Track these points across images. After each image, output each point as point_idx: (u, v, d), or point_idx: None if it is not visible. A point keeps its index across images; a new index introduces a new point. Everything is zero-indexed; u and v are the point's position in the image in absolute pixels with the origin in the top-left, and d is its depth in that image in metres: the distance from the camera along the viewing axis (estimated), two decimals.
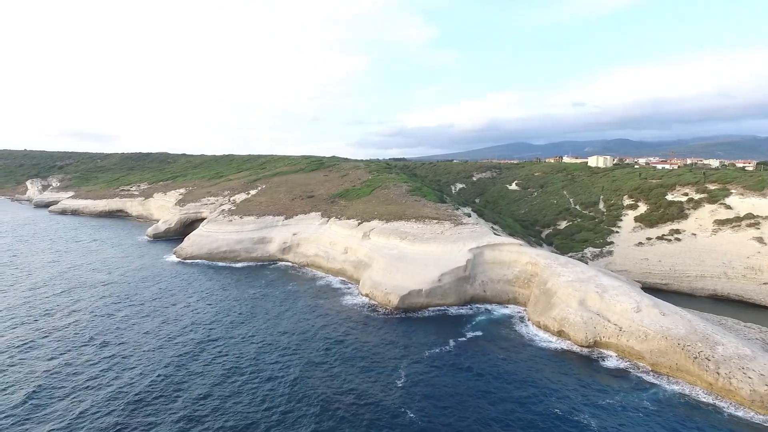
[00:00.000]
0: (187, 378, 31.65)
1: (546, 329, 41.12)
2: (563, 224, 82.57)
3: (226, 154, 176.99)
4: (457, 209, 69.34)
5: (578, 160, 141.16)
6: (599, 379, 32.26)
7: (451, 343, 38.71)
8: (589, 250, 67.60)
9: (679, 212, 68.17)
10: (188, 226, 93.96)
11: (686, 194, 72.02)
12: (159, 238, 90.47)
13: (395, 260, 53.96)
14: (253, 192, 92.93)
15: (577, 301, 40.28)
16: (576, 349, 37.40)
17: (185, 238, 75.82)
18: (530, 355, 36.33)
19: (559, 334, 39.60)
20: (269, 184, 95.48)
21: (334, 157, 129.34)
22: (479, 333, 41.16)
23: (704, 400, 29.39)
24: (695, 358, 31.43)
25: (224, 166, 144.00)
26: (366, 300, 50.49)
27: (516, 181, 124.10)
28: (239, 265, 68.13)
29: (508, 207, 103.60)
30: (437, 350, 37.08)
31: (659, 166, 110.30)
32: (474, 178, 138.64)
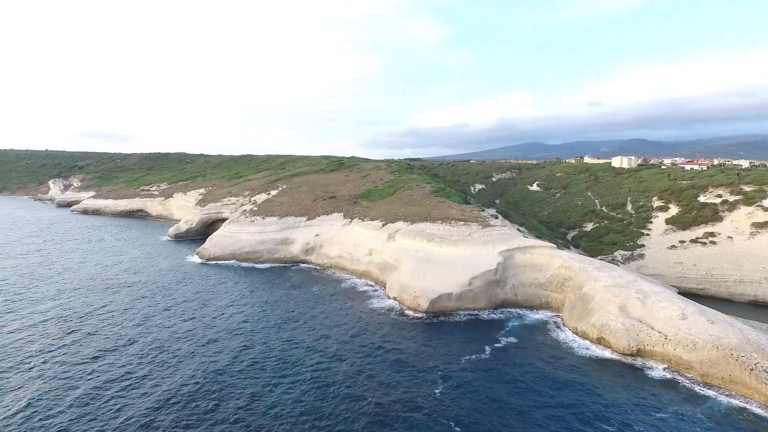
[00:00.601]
0: (235, 382, 31.01)
1: (584, 336, 39.74)
2: (589, 226, 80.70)
3: (245, 154, 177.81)
4: (483, 210, 68.09)
5: (600, 161, 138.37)
6: (648, 390, 30.84)
7: (487, 349, 37.57)
8: (619, 253, 65.77)
9: (713, 214, 65.99)
10: (209, 226, 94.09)
11: (720, 196, 69.76)
12: (180, 238, 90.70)
13: (422, 263, 52.94)
14: (273, 192, 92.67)
15: (617, 307, 38.84)
16: (618, 357, 35.98)
17: (207, 239, 75.75)
18: (571, 363, 35.03)
19: (599, 341, 38.20)
20: (290, 184, 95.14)
21: (353, 157, 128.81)
22: (514, 339, 39.95)
23: (765, 415, 27.84)
24: (752, 369, 29.86)
25: (243, 166, 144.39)
26: (394, 303, 49.56)
27: (537, 182, 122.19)
28: (262, 266, 67.75)
29: (531, 208, 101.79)
30: (473, 357, 35.98)
31: (687, 167, 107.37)
32: (494, 179, 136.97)
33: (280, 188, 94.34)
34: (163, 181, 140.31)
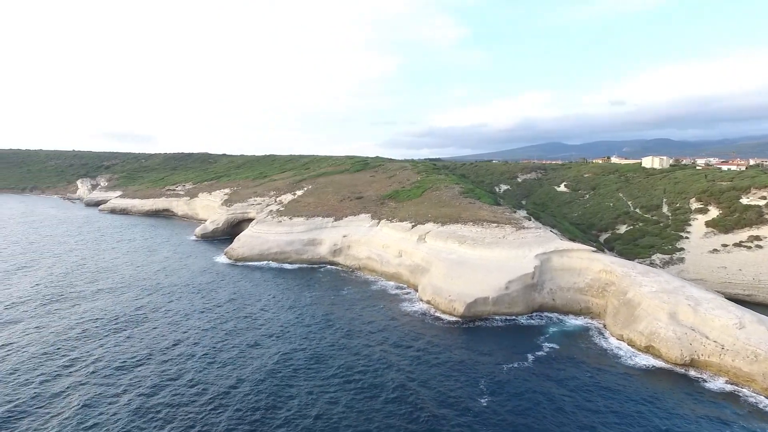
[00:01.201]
0: (281, 389, 30.38)
1: (631, 343, 38.11)
2: (623, 228, 78.31)
3: (268, 154, 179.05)
4: (514, 212, 66.57)
5: (629, 161, 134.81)
6: (709, 403, 29.24)
7: (529, 357, 36.28)
8: (657, 257, 63.46)
9: (758, 217, 63.16)
10: (235, 226, 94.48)
11: (764, 197, 66.76)
12: (207, 238, 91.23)
13: (456, 265, 51.80)
14: (299, 192, 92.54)
15: (666, 314, 37.10)
16: (670, 367, 34.34)
17: (235, 239, 75.85)
18: (621, 373, 33.52)
19: (648, 349, 36.55)
20: (315, 184, 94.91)
21: (377, 157, 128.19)
22: (556, 346, 38.55)
23: None
24: None
25: (266, 166, 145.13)
26: (426, 307, 48.52)
27: (564, 183, 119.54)
28: (290, 266, 67.44)
29: (559, 209, 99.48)
30: (516, 364, 34.75)
31: (723, 168, 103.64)
32: (519, 179, 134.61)
33: (305, 188, 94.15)
34: (188, 181, 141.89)
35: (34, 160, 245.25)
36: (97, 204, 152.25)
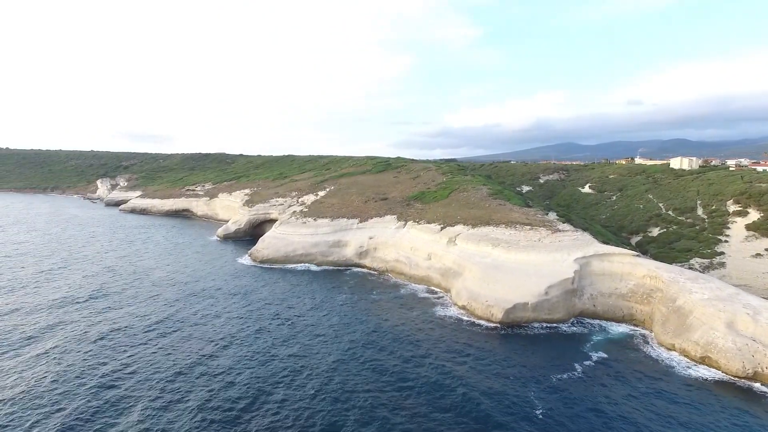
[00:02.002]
0: (336, 402, 29.20)
1: (684, 353, 36.32)
2: (655, 231, 76.02)
3: (286, 154, 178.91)
4: (546, 214, 64.83)
5: (655, 162, 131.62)
6: None
7: (578, 367, 34.71)
8: (696, 261, 61.22)
9: None
10: (257, 227, 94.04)
11: None
12: (229, 238, 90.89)
13: (491, 269, 50.32)
14: (321, 193, 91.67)
15: (723, 324, 35.25)
16: (730, 379, 32.53)
17: (259, 240, 75.17)
18: (678, 386, 31.79)
19: (703, 360, 34.75)
20: (337, 185, 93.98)
21: (399, 158, 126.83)
22: (604, 355, 36.91)
23: None
24: None
25: (286, 167, 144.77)
26: (460, 312, 47.19)
27: (589, 184, 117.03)
28: (316, 268, 66.55)
29: (585, 211, 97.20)
30: (565, 375, 33.22)
31: (759, 169, 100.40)
32: (541, 180, 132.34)
33: (327, 189, 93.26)
34: (207, 181, 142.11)
35: (55, 161, 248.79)
36: (117, 204, 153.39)
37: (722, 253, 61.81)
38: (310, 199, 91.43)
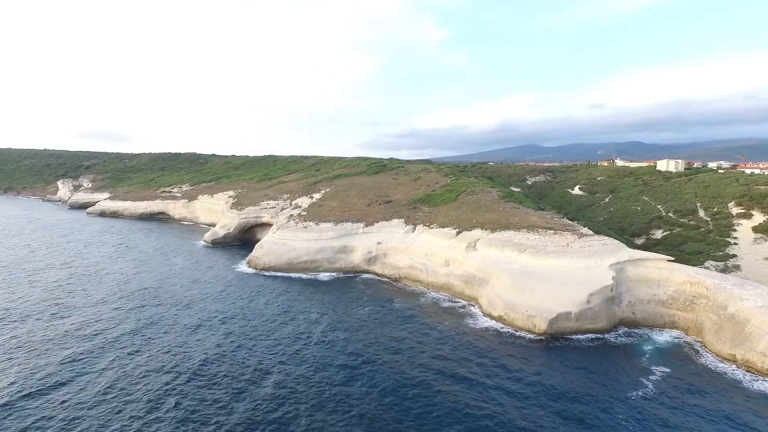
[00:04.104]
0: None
1: (746, 365, 34.87)
2: (658, 233, 76.14)
3: (268, 154, 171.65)
4: (563, 218, 63.30)
5: (640, 164, 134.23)
6: None
7: (645, 381, 32.71)
8: (710, 264, 61.13)
9: None
10: (246, 231, 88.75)
11: None
12: (217, 244, 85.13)
13: (522, 276, 47.91)
14: (317, 196, 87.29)
15: None
16: None
17: (257, 246, 70.24)
18: (762, 403, 30.12)
19: None
20: (333, 187, 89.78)
21: (393, 159, 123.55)
22: (665, 369, 34.98)
23: None
24: None
25: (269, 168, 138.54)
26: (494, 322, 44.59)
27: (578, 186, 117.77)
28: (324, 276, 62.47)
29: (581, 213, 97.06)
30: (640, 392, 31.07)
31: (748, 171, 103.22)
32: (528, 182, 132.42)
33: (323, 191, 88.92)
34: (184, 182, 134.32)
35: (7, 159, 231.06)
36: (83, 206, 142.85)
37: (734, 255, 61.97)
38: (305, 201, 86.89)
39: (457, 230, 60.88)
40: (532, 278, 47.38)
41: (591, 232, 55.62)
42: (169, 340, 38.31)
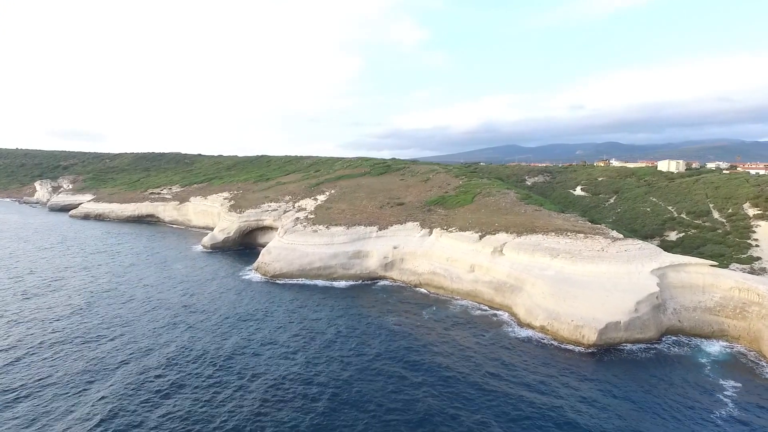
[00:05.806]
0: None
1: None
2: (672, 235, 75.01)
3: (260, 154, 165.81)
4: (587, 221, 61.31)
5: (640, 164, 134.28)
6: None
7: (721, 397, 30.65)
8: (735, 267, 59.93)
9: None
10: (247, 235, 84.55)
11: None
12: (217, 249, 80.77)
13: (560, 283, 45.48)
14: (322, 197, 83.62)
15: None
16: None
17: (263, 251, 66.34)
18: None
19: None
20: (338, 188, 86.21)
21: (396, 159, 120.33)
22: (736, 383, 32.81)
23: None
24: None
25: (263, 168, 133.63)
26: (533, 333, 42.06)
27: (580, 186, 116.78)
28: (340, 284, 59.03)
29: (587, 215, 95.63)
30: (723, 412, 28.82)
31: (753, 172, 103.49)
32: (528, 183, 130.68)
33: (328, 193, 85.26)
34: (173, 183, 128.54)
35: None
36: (64, 209, 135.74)
37: (759, 258, 60.99)
38: (309, 203, 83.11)
39: (480, 234, 58.21)
40: (571, 285, 44.98)
41: (621, 236, 53.70)
42: (222, 377, 34.51)
